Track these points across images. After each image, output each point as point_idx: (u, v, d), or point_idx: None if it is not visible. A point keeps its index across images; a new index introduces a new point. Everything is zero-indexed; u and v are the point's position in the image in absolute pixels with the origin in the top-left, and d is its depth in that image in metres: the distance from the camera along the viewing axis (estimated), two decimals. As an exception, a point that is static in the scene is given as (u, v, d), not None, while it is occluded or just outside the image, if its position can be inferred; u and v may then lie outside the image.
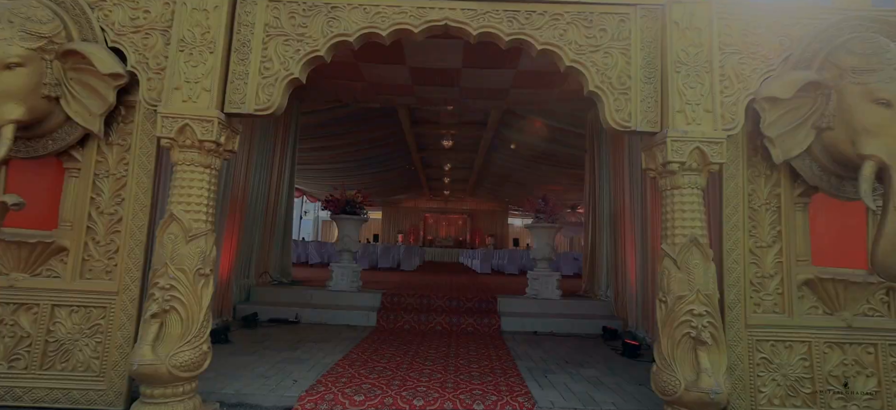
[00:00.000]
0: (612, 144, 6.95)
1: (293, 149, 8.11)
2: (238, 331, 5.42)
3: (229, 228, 5.91)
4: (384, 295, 6.66)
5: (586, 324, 6.23)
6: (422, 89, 7.22)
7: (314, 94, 7.83)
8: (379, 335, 5.58)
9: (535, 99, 7.55)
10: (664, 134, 2.85)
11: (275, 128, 7.28)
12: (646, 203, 5.59)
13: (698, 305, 2.69)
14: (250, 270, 6.79)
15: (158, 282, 2.74)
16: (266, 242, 7.25)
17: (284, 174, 7.80)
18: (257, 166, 6.74)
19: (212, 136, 2.85)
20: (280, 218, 7.75)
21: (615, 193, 6.76)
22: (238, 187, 6.07)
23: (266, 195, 7.12)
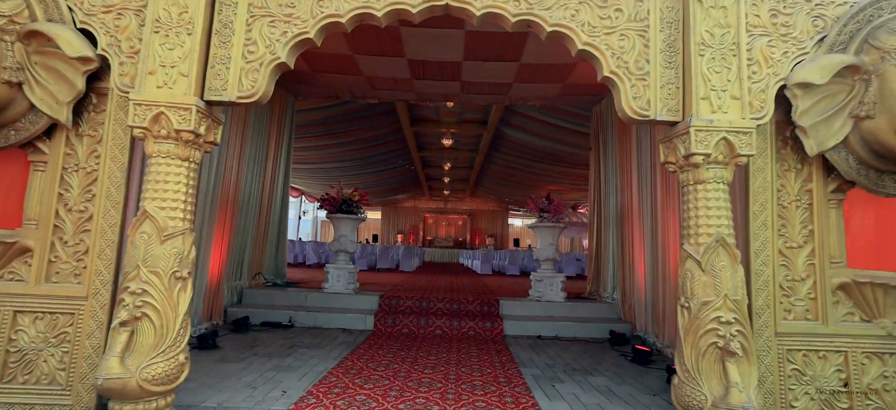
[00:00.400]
0: (618, 141, 6.69)
1: (288, 145, 7.85)
2: (228, 336, 5.15)
3: (219, 227, 5.65)
4: (382, 298, 6.40)
5: (592, 328, 5.97)
6: (421, 84, 6.95)
7: (309, 89, 7.57)
8: (376, 339, 5.32)
9: (539, 94, 7.28)
10: (687, 123, 2.58)
11: (269, 123, 7.02)
12: (656, 201, 5.33)
13: (726, 312, 2.43)
14: (242, 271, 6.53)
15: (129, 287, 2.48)
16: (259, 242, 6.99)
17: (279, 172, 7.53)
18: (250, 163, 6.48)
19: (189, 126, 2.59)
20: (274, 218, 7.48)
21: (622, 191, 6.50)
22: (229, 184, 5.80)
23: (259, 193, 6.86)
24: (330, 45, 5.75)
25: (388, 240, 27.97)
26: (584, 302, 6.82)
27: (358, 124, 12.84)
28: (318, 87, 7.47)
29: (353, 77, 6.83)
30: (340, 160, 15.69)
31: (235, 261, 6.30)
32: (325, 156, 15.05)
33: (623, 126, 6.49)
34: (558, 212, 6.76)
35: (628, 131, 6.27)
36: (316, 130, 12.73)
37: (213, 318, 5.63)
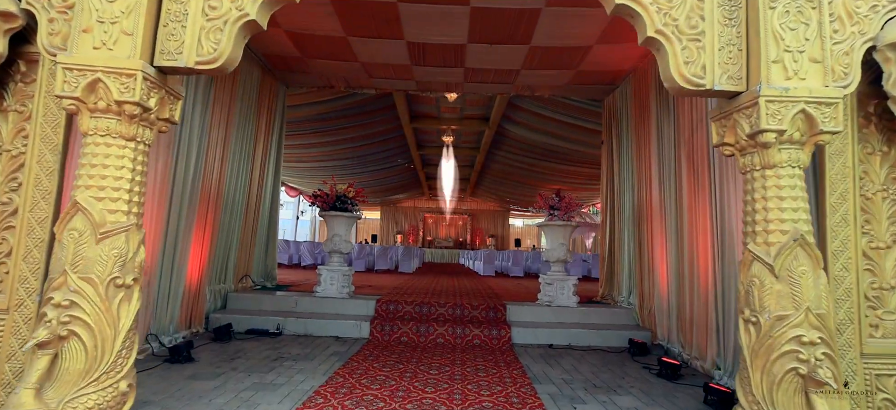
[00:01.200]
0: (634, 133, 6.18)
1: (279, 138, 7.33)
2: (206, 346, 4.63)
3: (199, 225, 5.12)
4: (379, 303, 5.88)
5: (608, 336, 5.45)
6: (421, 71, 6.44)
7: (301, 78, 7.06)
8: (371, 349, 4.80)
9: (548, 82, 6.77)
10: (755, 92, 2.07)
11: (257, 113, 6.49)
12: (681, 196, 4.81)
13: (809, 330, 1.92)
14: (227, 274, 6.00)
15: (53, 297, 1.96)
16: (247, 242, 6.46)
17: (268, 167, 7.01)
18: (235, 156, 5.96)
19: (133, 97, 2.08)
20: (264, 216, 6.96)
21: (639, 187, 5.98)
22: (211, 179, 5.28)
23: (246, 189, 6.33)
24: (322, 26, 5.24)
25: (388, 241, 27.46)
26: (597, 306, 6.30)
27: (355, 121, 12.34)
28: (311, 76, 6.95)
29: (347, 63, 6.31)
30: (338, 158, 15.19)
31: (219, 263, 5.78)
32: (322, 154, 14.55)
33: (640, 117, 5.97)
34: (569, 210, 6.24)
35: (646, 122, 5.75)
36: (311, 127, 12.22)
37: (194, 325, 5.11)
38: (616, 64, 6.01)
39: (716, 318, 4.06)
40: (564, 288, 6.12)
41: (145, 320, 4.21)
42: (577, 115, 10.37)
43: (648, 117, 5.74)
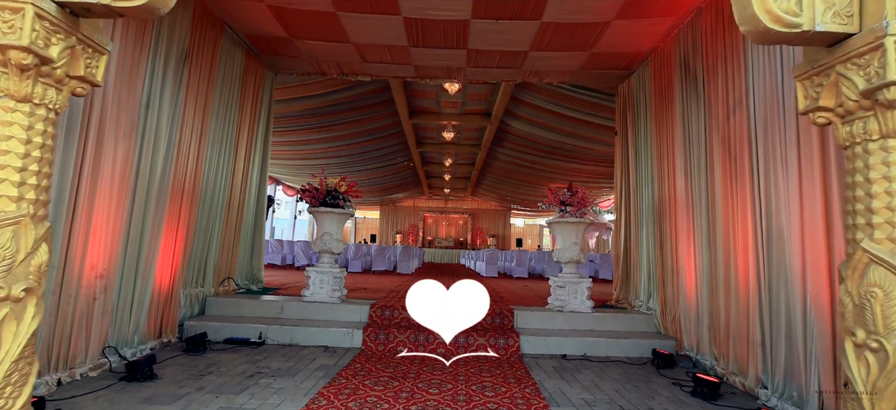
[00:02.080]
0: (654, 122, 5.61)
1: (266, 130, 6.76)
2: (176, 360, 4.06)
3: (171, 223, 4.56)
4: (373, 308, 5.31)
5: (628, 346, 4.89)
6: (420, 53, 5.88)
7: (289, 63, 6.49)
8: (363, 362, 4.24)
9: (558, 67, 6.21)
10: (877, 31, 1.51)
11: (240, 101, 5.93)
12: (713, 189, 4.25)
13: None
14: (206, 276, 5.44)
15: None
16: (229, 242, 5.90)
17: (254, 160, 6.45)
18: (215, 148, 5.40)
19: (21, 40, 1.52)
20: (248, 214, 6.40)
21: (661, 181, 5.42)
22: (184, 171, 4.72)
23: (228, 183, 5.77)
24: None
25: (387, 240, 26.95)
26: (612, 311, 5.73)
27: (353, 115, 11.81)
28: (300, 60, 6.39)
29: (339, 45, 5.75)
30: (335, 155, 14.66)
31: (196, 264, 5.22)
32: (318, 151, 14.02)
33: (661, 103, 5.41)
34: (583, 205, 5.67)
35: (669, 108, 5.19)
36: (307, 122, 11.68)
37: (165, 334, 4.56)
38: (634, 43, 5.44)
39: (760, 329, 3.50)
40: (577, 292, 5.56)
41: (101, 330, 3.65)
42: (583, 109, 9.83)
43: (671, 103, 5.18)
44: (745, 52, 3.78)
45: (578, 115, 10.25)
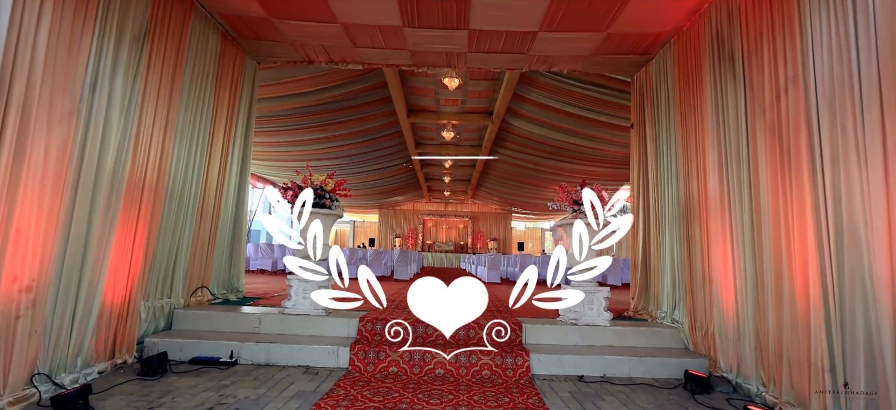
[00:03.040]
0: (679, 110, 5.01)
1: (247, 123, 6.15)
2: (124, 387, 3.44)
3: (127, 224, 3.94)
4: (363, 322, 4.69)
5: (653, 365, 4.27)
6: (416, 35, 5.28)
7: (273, 49, 5.90)
8: (348, 387, 3.61)
9: (569, 51, 5.61)
10: None
11: (216, 89, 5.32)
12: (757, 183, 3.63)
13: None
14: (174, 285, 4.82)
15: None
16: (202, 246, 5.28)
17: (233, 156, 5.83)
18: (184, 139, 4.79)
19: None
20: (227, 215, 5.78)
21: (688, 177, 4.81)
22: (145, 162, 4.11)
23: (201, 181, 5.16)
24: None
25: (386, 244, 26.37)
26: (631, 324, 5.10)
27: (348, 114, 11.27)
28: (284, 46, 5.79)
29: (325, 26, 5.15)
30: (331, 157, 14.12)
31: (161, 272, 4.59)
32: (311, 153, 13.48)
33: (687, 90, 4.81)
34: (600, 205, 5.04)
35: (698, 95, 4.59)
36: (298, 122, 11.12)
37: (119, 354, 3.93)
38: (656, 22, 4.84)
39: (828, 352, 2.87)
40: (594, 302, 4.93)
41: (28, 354, 3.02)
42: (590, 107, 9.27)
43: (700, 89, 4.57)
44: (802, 18, 3.18)
45: (585, 113, 9.70)
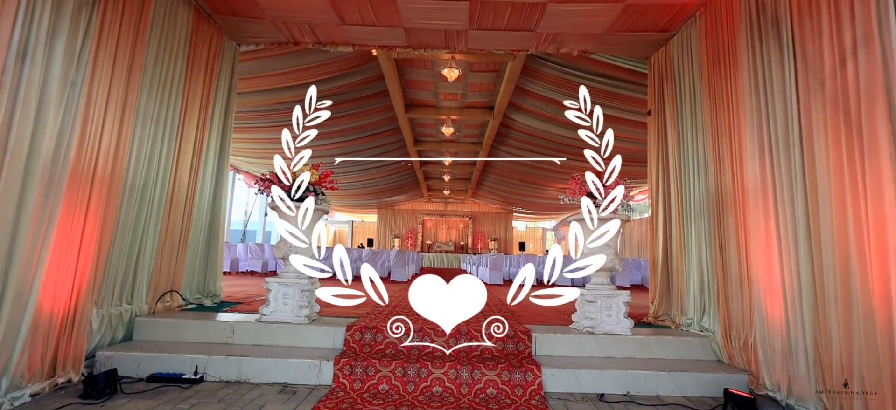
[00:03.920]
0: (707, 91, 4.44)
1: (226, 110, 5.58)
2: (57, 413, 2.86)
3: (72, 219, 3.37)
4: (350, 331, 4.11)
5: (684, 381, 3.69)
6: (411, 9, 4.72)
7: (254, 28, 5.33)
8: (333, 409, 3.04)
9: (581, 29, 5.05)
10: None
11: (188, 71, 4.76)
12: (812, 169, 3.06)
13: None
14: (136, 289, 4.25)
15: None
16: (172, 246, 4.71)
17: (208, 145, 5.26)
18: (149, 125, 4.22)
19: None
20: (201, 211, 5.21)
21: (719, 165, 4.24)
22: (95, 149, 3.54)
23: (170, 172, 4.59)
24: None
25: (385, 245, 25.81)
26: (654, 331, 4.53)
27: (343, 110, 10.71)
28: (265, 24, 5.24)
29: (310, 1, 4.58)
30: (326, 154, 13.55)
31: (118, 274, 4.02)
32: (308, 150, 12.85)
33: (717, 70, 4.25)
34: (617, 198, 4.46)
35: (731, 72, 4.02)
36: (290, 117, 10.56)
37: (63, 371, 3.35)
38: (683, -8, 4.27)
39: (921, 373, 2.29)
40: (612, 308, 4.35)
41: (-72, 378, 2.44)
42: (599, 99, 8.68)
43: (734, 65, 4.00)
44: (878, -36, 2.61)
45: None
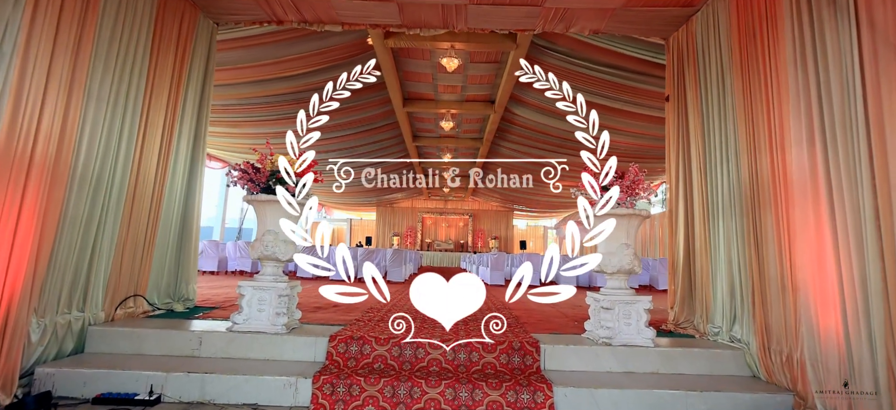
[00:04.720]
0: (739, 71, 3.92)
1: (201, 97, 5.06)
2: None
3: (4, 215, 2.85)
4: (334, 342, 3.59)
5: (717, 402, 3.18)
6: (404, -21, 4.19)
7: (231, 3, 4.81)
8: (299, 447, 2.52)
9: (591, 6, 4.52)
10: None
11: (154, 50, 4.23)
12: (883, 155, 2.54)
13: None
14: (89, 294, 3.72)
15: None
16: (135, 245, 4.19)
17: (179, 134, 4.74)
18: (101, 106, 3.69)
19: None
20: (171, 207, 4.69)
21: (755, 153, 3.71)
22: (31, 133, 3.02)
23: (132, 162, 4.06)
24: None
25: (384, 243, 25.30)
26: (678, 341, 4.01)
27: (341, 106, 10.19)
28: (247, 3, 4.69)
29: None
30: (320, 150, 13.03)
31: (66, 277, 3.50)
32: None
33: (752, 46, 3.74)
34: (634, 189, 3.95)
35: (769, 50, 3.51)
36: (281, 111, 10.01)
37: (-9, 393, 2.82)
38: (714, -45, 3.74)
39: None
40: (632, 316, 3.83)
41: None
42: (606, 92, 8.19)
43: (775, 40, 3.48)
44: None
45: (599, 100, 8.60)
